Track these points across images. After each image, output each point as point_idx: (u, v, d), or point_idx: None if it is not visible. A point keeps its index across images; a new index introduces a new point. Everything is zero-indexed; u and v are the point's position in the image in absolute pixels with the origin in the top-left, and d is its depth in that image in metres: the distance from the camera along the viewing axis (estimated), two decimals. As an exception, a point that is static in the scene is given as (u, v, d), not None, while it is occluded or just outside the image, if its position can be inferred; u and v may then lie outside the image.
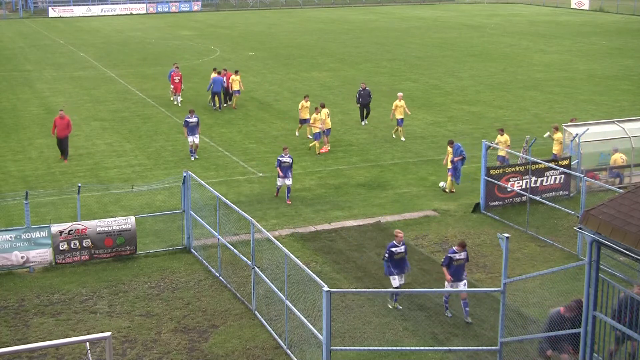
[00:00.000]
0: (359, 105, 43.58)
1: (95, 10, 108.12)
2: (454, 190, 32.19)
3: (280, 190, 31.42)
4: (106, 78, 58.63)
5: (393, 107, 40.37)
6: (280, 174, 30.79)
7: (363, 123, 43.25)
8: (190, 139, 36.74)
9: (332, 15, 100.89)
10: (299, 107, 40.36)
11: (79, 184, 27.22)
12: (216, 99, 46.86)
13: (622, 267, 20.83)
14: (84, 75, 59.75)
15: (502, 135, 33.52)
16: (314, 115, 37.98)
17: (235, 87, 46.93)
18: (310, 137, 39.51)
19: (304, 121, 40.20)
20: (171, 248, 26.68)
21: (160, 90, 53.13)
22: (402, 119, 40.35)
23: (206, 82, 52.50)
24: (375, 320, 21.77)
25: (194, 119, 36.51)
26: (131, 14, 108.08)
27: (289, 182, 31.00)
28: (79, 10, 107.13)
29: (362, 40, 79.37)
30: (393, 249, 21.98)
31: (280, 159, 30.81)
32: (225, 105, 47.56)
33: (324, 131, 38.03)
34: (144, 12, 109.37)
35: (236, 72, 47.35)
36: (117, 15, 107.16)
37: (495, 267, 24.95)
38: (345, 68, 62.75)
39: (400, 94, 41.39)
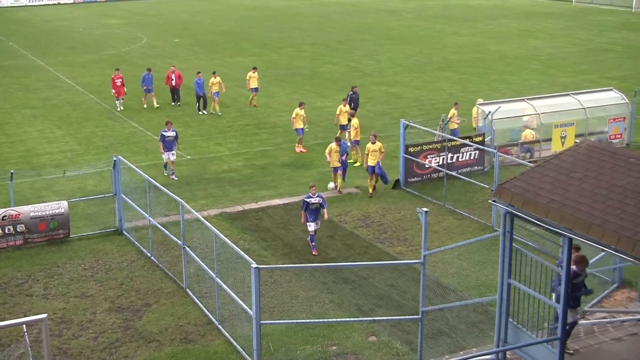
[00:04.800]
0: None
1: (24, 0, 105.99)
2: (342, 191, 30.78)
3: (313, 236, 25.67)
4: (36, 67, 58.18)
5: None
6: (308, 218, 25.15)
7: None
8: (165, 155, 32.11)
9: (255, 3, 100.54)
10: (337, 111, 36.50)
11: (12, 171, 27.23)
12: (201, 101, 43.37)
13: (534, 237, 21.46)
14: (13, 65, 59.19)
15: (456, 109, 35.02)
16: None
17: (215, 89, 43.06)
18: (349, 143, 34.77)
19: (342, 127, 36.39)
20: (104, 230, 26.90)
21: (89, 77, 53.14)
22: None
23: (134, 69, 52.65)
24: (303, 294, 22.27)
25: (172, 133, 31.94)
26: (59, 3, 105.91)
27: (316, 226, 25.32)
28: (6, 1, 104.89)
29: (284, 26, 79.52)
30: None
31: (308, 200, 25.13)
32: (177, 104, 44.88)
33: (351, 142, 34.44)
34: (71, 1, 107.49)
35: (214, 74, 43.76)
36: (44, 5, 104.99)
37: (415, 240, 25.66)
38: (268, 53, 63.13)
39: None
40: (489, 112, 32.47)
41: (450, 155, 31.07)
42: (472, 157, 31.78)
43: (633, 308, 20.68)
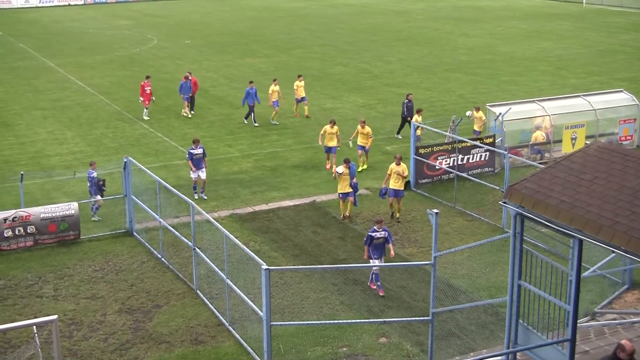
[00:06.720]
0: (403, 117, 37.71)
1: (34, 1, 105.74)
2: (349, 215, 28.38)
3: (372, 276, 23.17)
4: (46, 68, 58.14)
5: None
6: (372, 254, 22.71)
7: (399, 136, 38.07)
8: (195, 174, 30.47)
9: (263, 3, 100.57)
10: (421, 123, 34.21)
11: (22, 172, 27.43)
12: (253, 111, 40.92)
13: (544, 238, 21.50)
14: (23, 66, 59.18)
15: (477, 112, 35.10)
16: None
17: (275, 97, 41.10)
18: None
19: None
20: (114, 232, 27.00)
21: (99, 79, 53.16)
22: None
23: (145, 71, 52.62)
24: (313, 295, 22.30)
25: (199, 150, 30.37)
26: (69, 5, 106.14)
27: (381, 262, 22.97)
28: (17, 2, 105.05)
29: (293, 27, 79.46)
30: None
31: (373, 234, 22.52)
32: (191, 112, 43.16)
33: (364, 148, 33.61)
34: (82, 3, 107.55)
35: (274, 81, 42.01)
36: (55, 6, 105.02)
37: (425, 242, 25.66)
38: (278, 54, 63.10)
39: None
40: (500, 113, 32.45)
41: (460, 156, 31.07)
42: (482, 159, 31.77)
43: (644, 310, 20.67)
